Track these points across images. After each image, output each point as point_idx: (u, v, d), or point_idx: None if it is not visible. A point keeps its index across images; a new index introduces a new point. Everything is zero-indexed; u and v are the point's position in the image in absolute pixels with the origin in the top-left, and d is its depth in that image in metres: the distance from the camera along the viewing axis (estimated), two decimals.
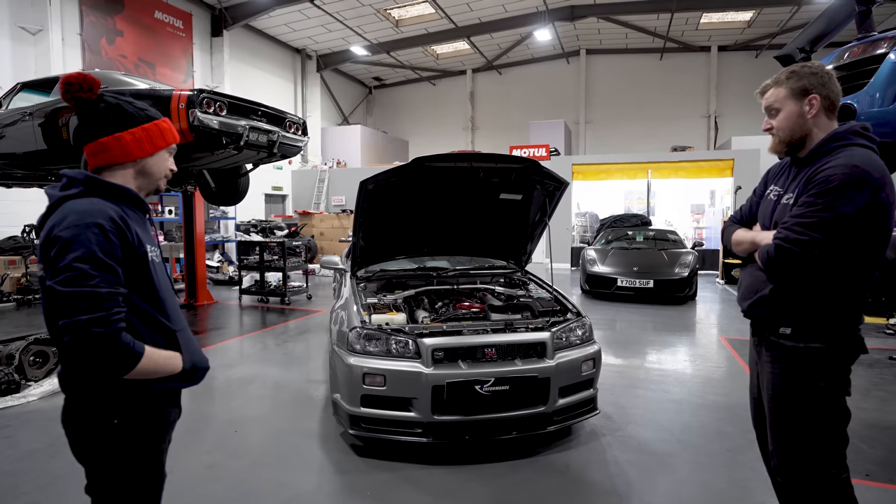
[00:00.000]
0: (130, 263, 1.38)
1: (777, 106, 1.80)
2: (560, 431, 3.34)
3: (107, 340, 1.26)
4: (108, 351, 1.27)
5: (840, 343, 1.72)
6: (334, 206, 16.10)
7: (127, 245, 1.36)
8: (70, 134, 5.68)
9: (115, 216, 1.35)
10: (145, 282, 1.42)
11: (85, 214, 1.31)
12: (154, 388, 1.45)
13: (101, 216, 1.33)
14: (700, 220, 15.51)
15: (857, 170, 1.61)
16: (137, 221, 1.46)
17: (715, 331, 6.88)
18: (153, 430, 1.49)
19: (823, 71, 1.77)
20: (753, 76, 17.36)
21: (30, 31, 9.64)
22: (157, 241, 1.58)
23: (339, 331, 3.34)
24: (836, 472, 1.72)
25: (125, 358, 1.30)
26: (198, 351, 1.55)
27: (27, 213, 9.37)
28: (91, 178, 1.42)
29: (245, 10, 13.73)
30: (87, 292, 1.25)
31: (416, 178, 3.65)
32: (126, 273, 1.36)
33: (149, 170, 1.54)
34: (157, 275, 1.47)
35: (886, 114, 3.30)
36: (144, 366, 1.34)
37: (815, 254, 1.63)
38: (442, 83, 21.20)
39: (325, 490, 2.84)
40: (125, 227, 1.37)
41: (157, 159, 1.55)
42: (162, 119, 1.58)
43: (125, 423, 1.42)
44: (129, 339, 1.31)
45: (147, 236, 1.48)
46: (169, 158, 1.59)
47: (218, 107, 5.17)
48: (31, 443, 3.35)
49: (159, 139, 1.54)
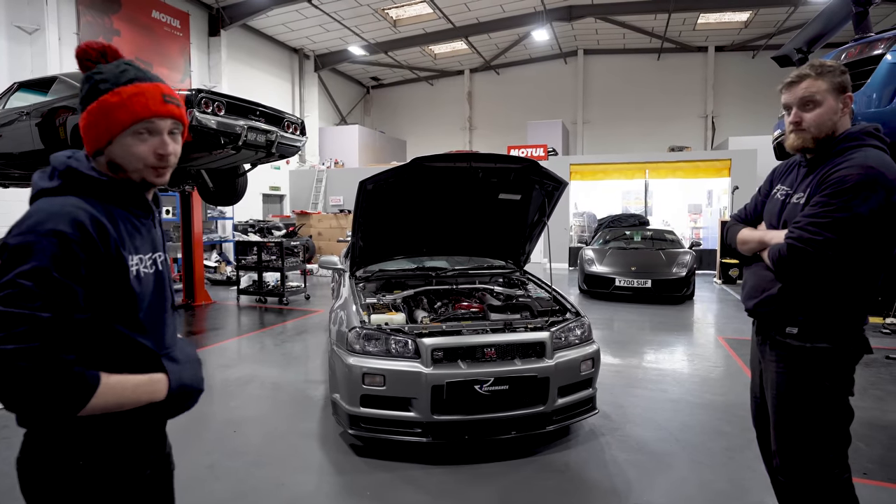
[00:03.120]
0: (104, 278, 1.10)
1: (818, 98, 1.71)
2: (559, 431, 3.34)
3: (37, 375, 0.97)
4: (40, 387, 0.98)
5: (846, 343, 1.72)
6: (332, 206, 16.08)
7: (98, 257, 1.08)
8: (67, 133, 5.66)
9: (86, 221, 1.07)
10: (123, 299, 1.14)
11: (48, 218, 1.05)
12: (131, 418, 1.16)
13: (64, 221, 1.05)
14: (697, 219, 15.56)
15: (873, 171, 1.61)
16: (128, 225, 1.18)
17: (712, 330, 6.90)
18: (127, 476, 1.20)
19: (847, 70, 1.75)
20: (750, 77, 17.44)
21: (26, 30, 9.61)
22: (163, 244, 1.32)
23: (339, 331, 3.34)
24: (839, 471, 1.73)
25: (69, 393, 1.01)
26: (190, 371, 1.26)
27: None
28: (70, 170, 1.14)
29: (242, 10, 13.70)
30: (24, 315, 0.98)
31: (415, 178, 3.65)
32: (98, 289, 1.09)
33: (116, 159, 1.17)
34: (142, 290, 1.18)
35: (883, 114, 3.31)
36: (104, 397, 1.05)
37: (828, 254, 1.62)
38: (440, 83, 21.19)
39: (324, 490, 2.84)
40: (101, 235, 1.09)
41: (120, 144, 1.16)
42: (132, 84, 1.16)
43: (91, 466, 1.15)
44: (71, 371, 1.02)
45: (140, 243, 1.21)
46: (147, 139, 1.17)
47: (216, 107, 5.16)
48: None
49: (122, 113, 1.14)
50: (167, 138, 1.20)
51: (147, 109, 1.16)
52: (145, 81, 1.18)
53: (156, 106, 1.17)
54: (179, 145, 1.25)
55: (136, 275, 1.17)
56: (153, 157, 1.18)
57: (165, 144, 1.19)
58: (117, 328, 1.15)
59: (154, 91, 1.18)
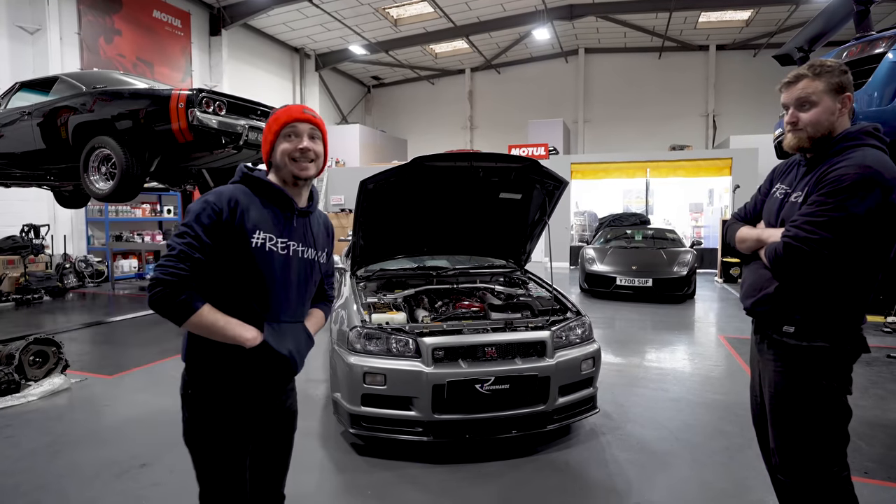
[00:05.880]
0: (226, 236, 1.53)
1: (814, 99, 1.72)
2: (560, 430, 3.34)
3: (165, 295, 1.45)
4: (166, 301, 1.46)
5: (843, 342, 1.72)
6: (333, 205, 16.09)
7: (223, 222, 1.52)
8: (69, 133, 5.67)
9: (227, 198, 1.55)
10: (244, 261, 1.55)
11: (210, 194, 1.58)
12: (232, 366, 1.56)
13: (214, 195, 1.57)
14: (699, 218, 15.54)
15: (870, 170, 1.60)
16: (267, 211, 1.61)
17: (714, 329, 6.90)
18: (225, 411, 1.59)
19: (848, 70, 1.75)
20: (752, 75, 17.42)
21: (28, 30, 9.62)
22: (304, 238, 1.68)
23: (340, 330, 3.35)
24: (838, 469, 1.73)
25: (179, 308, 1.46)
26: (285, 342, 1.60)
27: (26, 213, 9.36)
28: (243, 173, 1.66)
29: (243, 10, 13.71)
30: (181, 249, 1.48)
31: (416, 177, 3.65)
32: (222, 242, 1.52)
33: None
34: (264, 261, 1.56)
35: (884, 113, 3.30)
36: (200, 319, 1.47)
37: (824, 253, 1.62)
38: (440, 82, 21.19)
39: (325, 489, 2.85)
40: (232, 209, 1.54)
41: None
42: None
43: (200, 396, 1.59)
44: (188, 290, 1.47)
45: (274, 227, 1.60)
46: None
47: (217, 106, 5.17)
48: (31, 443, 3.35)
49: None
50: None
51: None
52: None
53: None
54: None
55: (259, 246, 1.55)
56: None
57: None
58: (239, 288, 1.56)
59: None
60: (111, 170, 5.49)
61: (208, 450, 1.60)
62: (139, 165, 5.40)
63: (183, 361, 1.63)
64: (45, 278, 8.81)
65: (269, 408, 1.69)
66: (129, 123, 5.28)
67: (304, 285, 1.70)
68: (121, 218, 10.99)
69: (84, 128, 5.57)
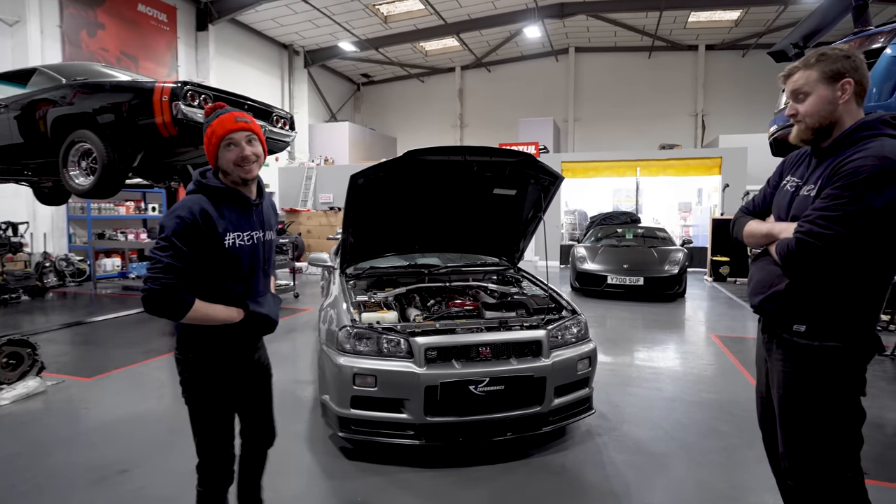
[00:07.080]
0: (203, 244, 1.80)
1: (806, 90, 1.68)
2: (555, 432, 3.27)
3: (163, 296, 1.74)
4: (164, 302, 1.75)
5: (856, 342, 1.64)
6: (322, 203, 15.92)
7: (200, 232, 1.78)
8: (48, 127, 5.49)
9: (197, 210, 1.80)
10: (223, 259, 1.85)
11: (178, 207, 1.81)
12: (218, 334, 1.88)
13: (184, 210, 1.79)
14: (687, 217, 15.60)
15: (888, 161, 1.52)
16: (231, 213, 1.88)
17: (704, 328, 6.87)
18: (214, 367, 1.92)
19: (855, 54, 1.67)
20: (740, 75, 17.55)
21: (7, 22, 9.36)
22: (261, 225, 1.99)
23: (328, 330, 3.24)
24: (851, 475, 1.67)
25: (176, 306, 1.75)
26: (266, 308, 1.97)
27: (4, 210, 9.10)
28: (199, 182, 1.90)
29: (231, 5, 13.48)
30: (163, 261, 1.74)
31: (408, 172, 3.56)
32: (199, 250, 1.79)
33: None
34: (237, 254, 1.87)
35: (884, 109, 3.27)
36: (196, 312, 1.78)
37: (839, 249, 1.55)
38: (431, 80, 21.07)
39: (313, 494, 2.75)
40: (205, 219, 1.79)
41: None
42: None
43: (196, 358, 1.90)
44: (179, 295, 1.75)
45: (239, 225, 1.89)
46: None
47: (203, 100, 5.02)
48: (1, 449, 3.21)
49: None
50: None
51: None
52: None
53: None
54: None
55: (232, 245, 1.85)
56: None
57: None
58: (220, 278, 1.86)
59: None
60: (92, 165, 5.31)
61: (202, 402, 1.92)
62: (121, 160, 5.23)
63: (175, 332, 1.93)
64: (23, 277, 8.57)
65: (247, 361, 2.04)
66: (110, 117, 5.11)
67: (268, 262, 2.07)
68: (104, 216, 10.74)
69: (64, 121, 5.38)
